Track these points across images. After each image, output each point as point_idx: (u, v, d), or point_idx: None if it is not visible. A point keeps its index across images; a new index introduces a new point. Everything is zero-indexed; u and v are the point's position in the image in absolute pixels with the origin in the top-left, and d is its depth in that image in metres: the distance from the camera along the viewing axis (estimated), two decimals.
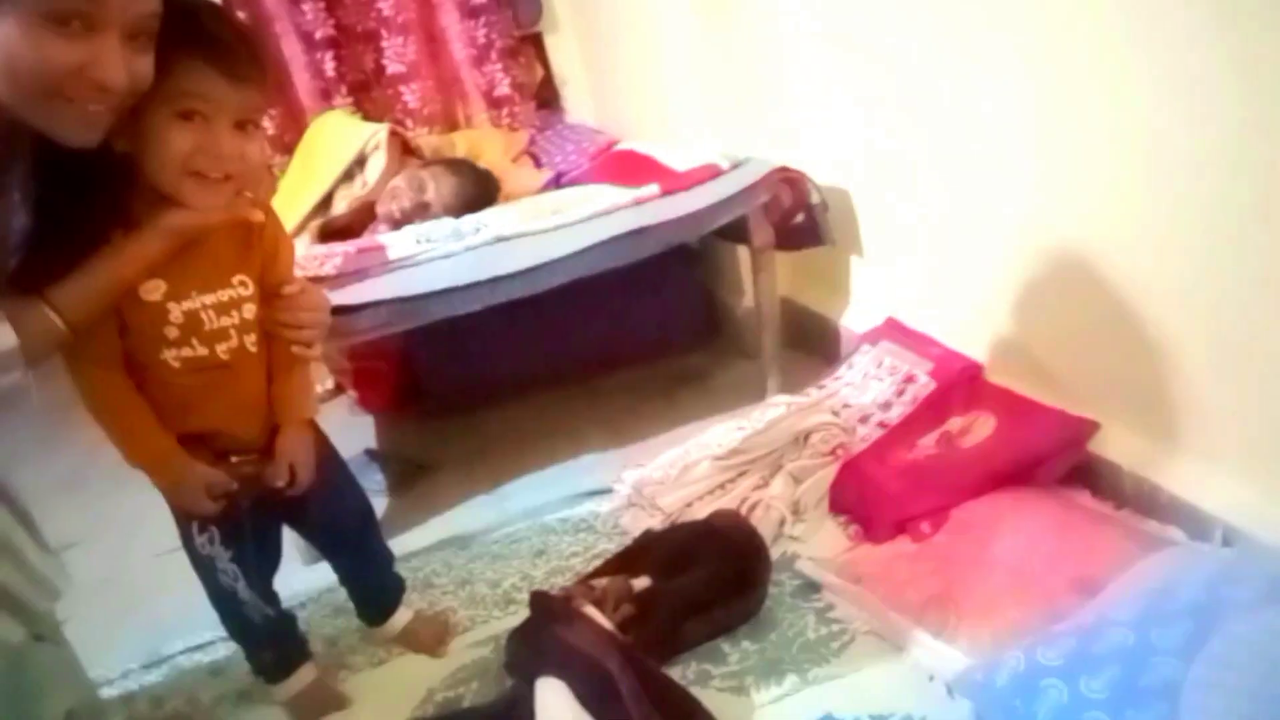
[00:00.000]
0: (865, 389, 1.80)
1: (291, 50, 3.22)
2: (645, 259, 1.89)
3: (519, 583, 1.61)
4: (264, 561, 1.37)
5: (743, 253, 2.16)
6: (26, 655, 1.19)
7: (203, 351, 1.16)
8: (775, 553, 1.52)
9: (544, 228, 1.80)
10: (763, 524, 1.56)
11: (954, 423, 1.61)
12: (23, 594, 1.18)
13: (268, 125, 3.22)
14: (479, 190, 2.26)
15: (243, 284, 1.18)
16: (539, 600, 1.36)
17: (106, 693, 1.57)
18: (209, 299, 1.15)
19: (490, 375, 2.38)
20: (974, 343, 1.73)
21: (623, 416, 2.19)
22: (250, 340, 1.20)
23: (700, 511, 1.64)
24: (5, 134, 0.99)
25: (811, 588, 1.44)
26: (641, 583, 1.41)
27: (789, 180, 1.95)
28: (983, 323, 1.70)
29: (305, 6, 3.13)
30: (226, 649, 1.61)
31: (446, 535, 1.82)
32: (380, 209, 2.28)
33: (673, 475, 1.76)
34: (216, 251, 1.16)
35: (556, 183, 2.67)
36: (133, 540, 2.11)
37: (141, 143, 1.04)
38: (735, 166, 1.94)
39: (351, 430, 2.38)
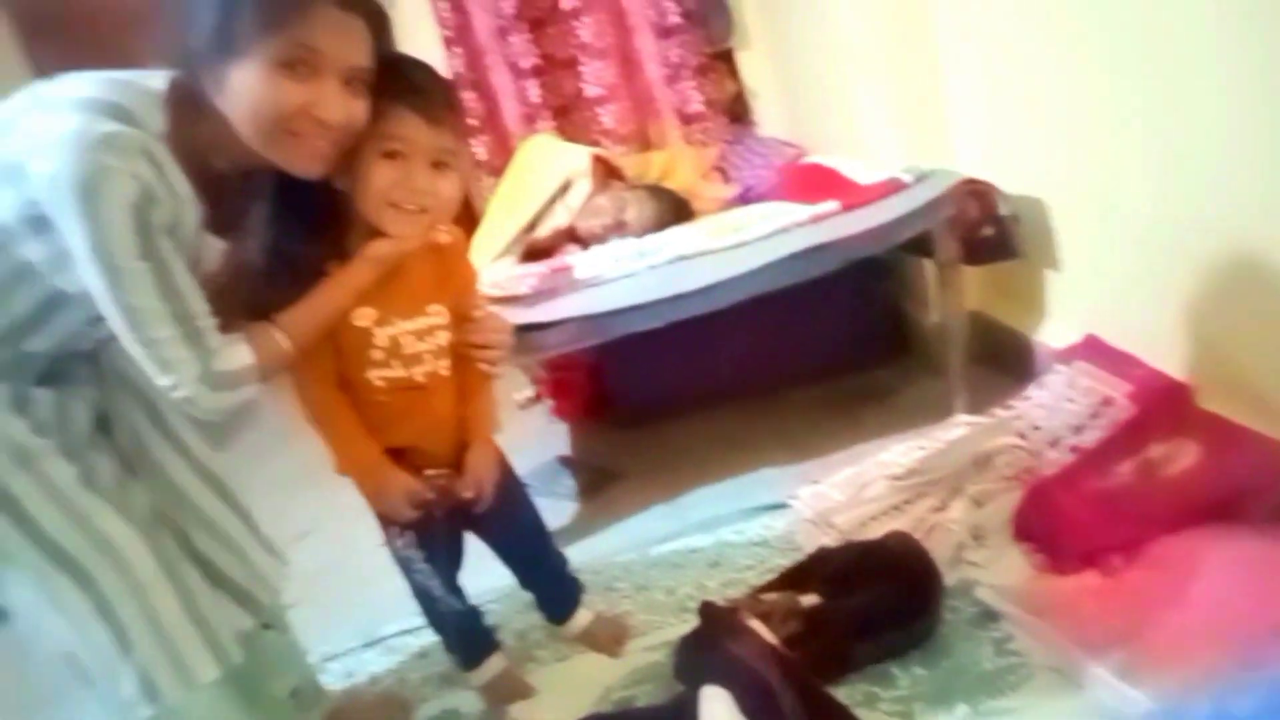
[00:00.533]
0: (1057, 411, 1.72)
1: (500, 80, 3.46)
2: (829, 273, 1.90)
3: (693, 592, 1.66)
4: (451, 562, 1.50)
5: (930, 267, 2.11)
6: (256, 641, 1.39)
7: (402, 373, 1.30)
8: (952, 578, 1.49)
9: (723, 246, 1.86)
10: (939, 548, 1.53)
11: (1154, 449, 1.51)
12: (249, 587, 1.37)
13: (479, 151, 3.48)
14: (675, 218, 2.36)
15: (438, 313, 1.32)
16: (707, 611, 1.41)
17: (331, 667, 1.77)
18: (409, 326, 1.29)
19: (675, 388, 2.46)
20: (1181, 362, 1.61)
21: (803, 431, 2.20)
22: (443, 365, 1.34)
23: (876, 531, 1.62)
24: (248, 181, 1.17)
25: (990, 616, 1.40)
26: (810, 600, 1.42)
27: (976, 192, 1.90)
28: (1192, 340, 1.58)
29: (513, 39, 3.35)
30: (433, 634, 1.78)
31: (628, 542, 1.91)
32: (580, 224, 2.41)
33: (849, 494, 1.76)
34: (415, 284, 1.30)
35: (744, 198, 2.72)
36: (356, 531, 2.34)
37: (353, 179, 1.20)
38: (919, 180, 1.91)
39: (547, 437, 2.54)
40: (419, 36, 3.61)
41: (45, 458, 1.13)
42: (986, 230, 1.93)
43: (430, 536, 1.42)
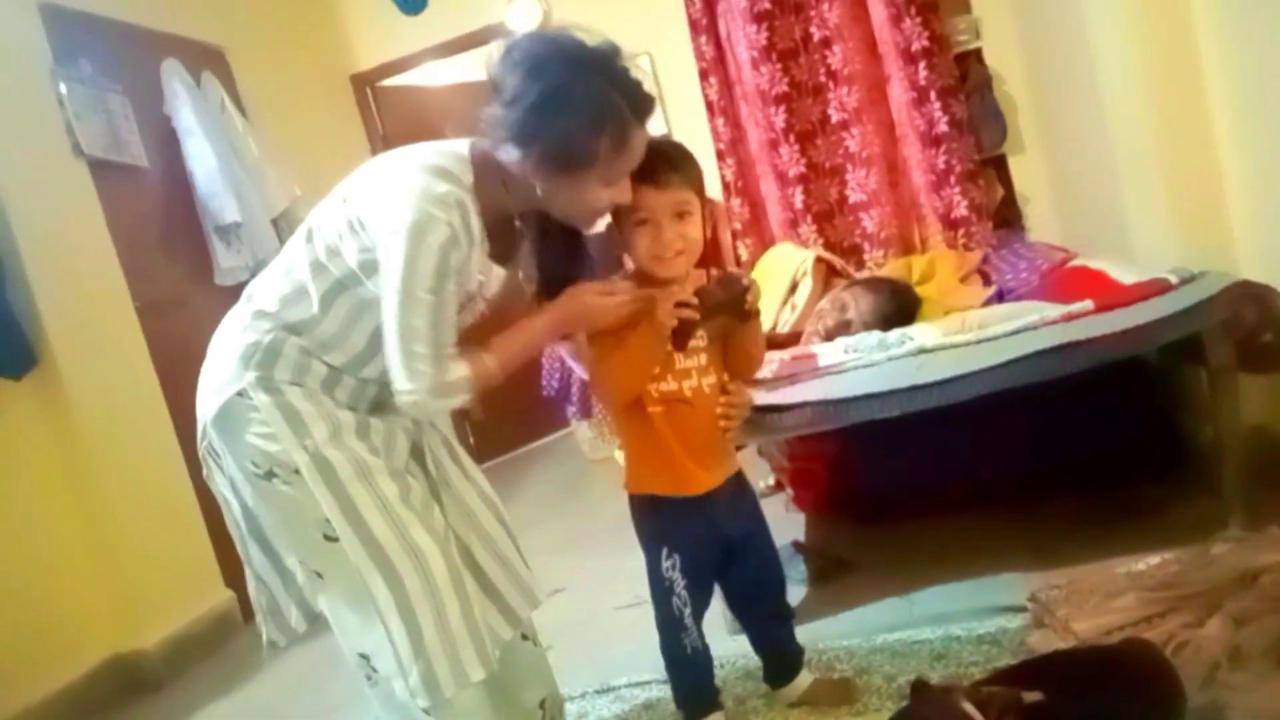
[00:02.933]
0: None
1: (768, 188, 3.69)
2: (1088, 378, 1.85)
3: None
4: (703, 597, 1.64)
5: (1205, 375, 1.98)
6: (514, 650, 1.57)
7: (674, 386, 1.55)
8: (1203, 699, 1.37)
9: (966, 340, 1.88)
10: (1190, 665, 1.42)
11: None
12: (513, 601, 1.56)
13: (743, 252, 3.70)
14: (896, 306, 2.39)
15: (701, 338, 1.55)
16: (920, 689, 1.40)
17: (567, 708, 1.92)
18: None
19: (919, 487, 2.43)
20: None
21: (1054, 541, 2.09)
22: (707, 383, 1.57)
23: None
24: (524, 223, 1.49)
25: None
26: (1033, 697, 1.37)
27: (1254, 295, 1.78)
28: None
29: (782, 150, 3.58)
30: (658, 690, 1.89)
31: (855, 629, 1.92)
32: (807, 328, 2.51)
33: (1094, 601, 1.67)
34: None
35: (1000, 298, 2.69)
36: (602, 594, 2.54)
37: (624, 246, 1.54)
38: (1185, 281, 1.83)
39: (784, 523, 2.60)
40: (696, 150, 3.95)
41: (378, 474, 1.40)
42: (1266, 336, 1.80)
43: (695, 564, 1.60)
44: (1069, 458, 2.31)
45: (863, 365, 1.92)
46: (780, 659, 1.72)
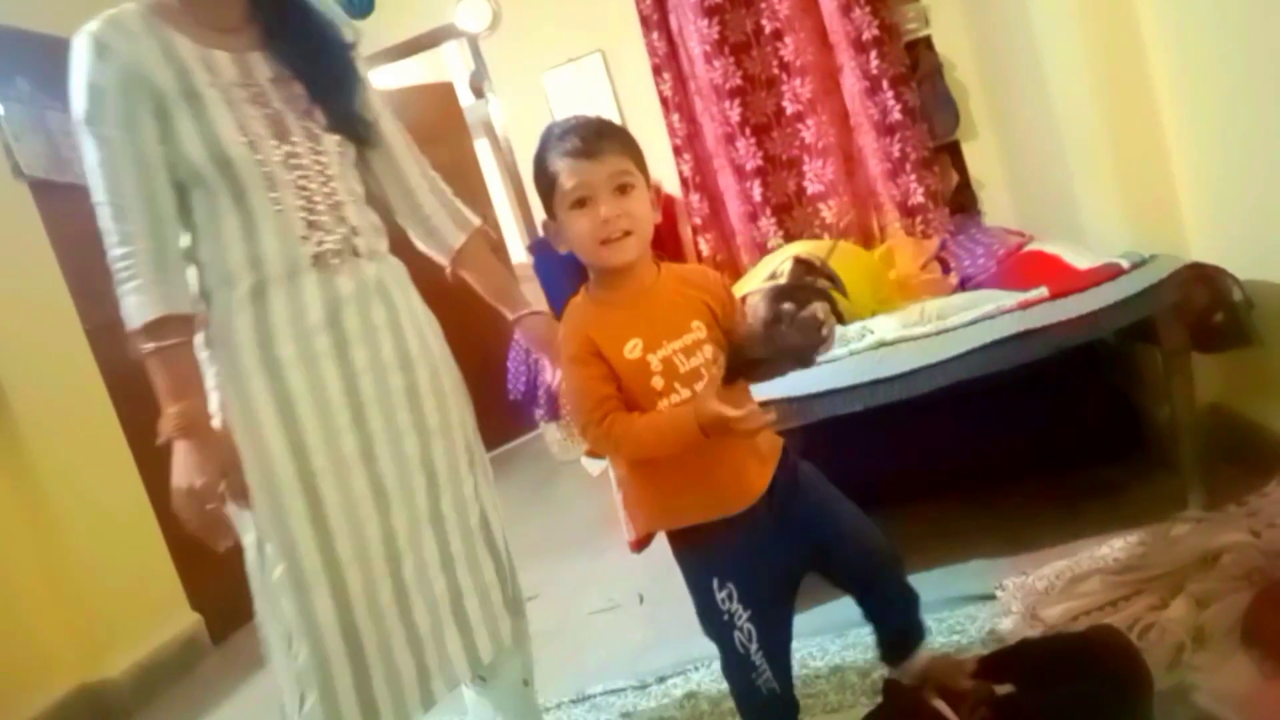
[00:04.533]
0: None
1: (726, 182, 3.69)
2: (1047, 363, 1.86)
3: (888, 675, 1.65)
4: (779, 626, 1.39)
5: (1160, 357, 2.00)
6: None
7: (686, 394, 1.27)
8: (1169, 681, 1.39)
9: (925, 333, 1.89)
10: (1154, 648, 1.44)
11: None
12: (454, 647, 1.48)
13: (703, 246, 3.68)
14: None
15: (699, 329, 1.31)
16: (892, 689, 1.41)
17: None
18: (677, 344, 1.30)
19: (885, 477, 2.43)
20: None
21: (1019, 526, 2.11)
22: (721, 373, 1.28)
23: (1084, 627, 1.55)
24: None
25: None
26: (1004, 689, 1.39)
27: (1204, 278, 1.81)
28: None
29: (739, 143, 3.58)
30: (634, 697, 1.88)
31: (826, 623, 1.92)
32: None
33: (1060, 587, 1.69)
34: (668, 307, 1.32)
35: (962, 286, 2.71)
36: (575, 600, 2.52)
37: (567, 237, 1.32)
38: (1137, 265, 1.85)
39: None
40: (652, 146, 3.94)
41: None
42: (1217, 317, 1.83)
43: (755, 589, 1.34)
44: (1031, 442, 2.34)
45: (824, 360, 1.91)
46: (892, 638, 1.48)
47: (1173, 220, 2.10)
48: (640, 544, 2.06)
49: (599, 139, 1.29)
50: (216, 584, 2.69)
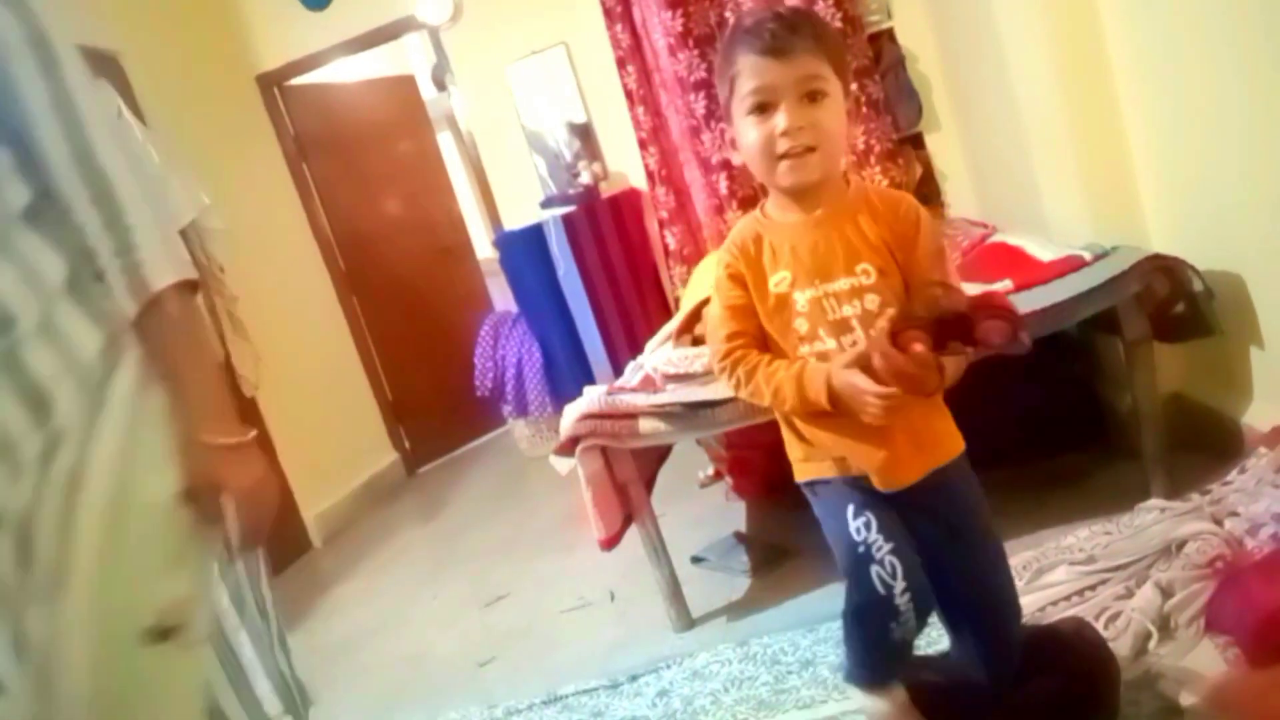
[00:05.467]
0: (1258, 496, 1.59)
1: (692, 175, 3.67)
2: (1013, 353, 1.87)
3: None
4: (918, 574, 1.18)
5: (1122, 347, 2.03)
6: None
7: (832, 345, 1.13)
8: (1136, 670, 1.41)
9: None
10: (1121, 638, 1.46)
11: None
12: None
13: (669, 240, 3.67)
14: None
15: (865, 272, 1.12)
16: None
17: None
18: (831, 288, 1.13)
19: None
20: None
21: None
22: (882, 328, 1.09)
23: (1052, 618, 1.56)
24: None
25: (1175, 712, 1.31)
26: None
27: (1164, 268, 1.82)
28: None
29: (704, 136, 3.56)
30: (607, 696, 1.87)
31: (798, 618, 1.93)
32: None
33: (1026, 578, 1.70)
34: (835, 242, 1.14)
35: None
36: (546, 597, 2.51)
37: (739, 145, 1.15)
38: (1099, 257, 1.87)
39: (725, 513, 2.61)
40: (617, 140, 3.92)
41: None
42: (1178, 307, 1.85)
43: (895, 524, 1.17)
44: (996, 432, 2.34)
45: None
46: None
47: (1134, 212, 2.12)
48: (610, 542, 2.07)
49: (792, 34, 1.11)
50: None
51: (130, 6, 3.61)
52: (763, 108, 1.11)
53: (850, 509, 1.18)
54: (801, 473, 1.26)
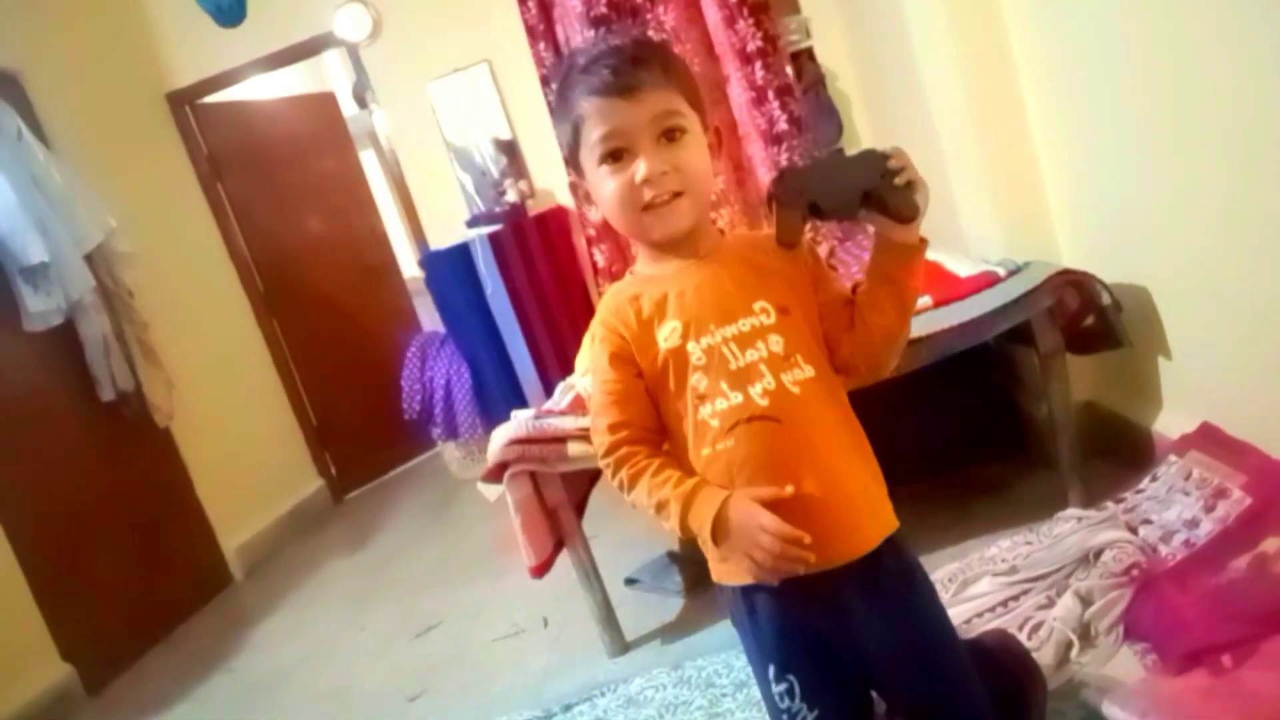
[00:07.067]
0: (1169, 503, 1.65)
1: None
2: (934, 365, 1.90)
3: None
4: None
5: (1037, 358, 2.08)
6: None
7: (738, 400, 0.98)
8: (1060, 679, 1.44)
9: None
10: (1044, 647, 1.48)
11: (1270, 544, 1.43)
12: None
13: (603, 251, 3.66)
14: None
15: (764, 310, 1.01)
16: None
17: None
18: (729, 331, 1.00)
19: None
20: None
21: (909, 527, 2.14)
22: (796, 378, 0.99)
23: (978, 630, 1.59)
24: None
25: None
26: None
27: (1074, 283, 1.88)
28: None
29: None
30: None
31: (730, 638, 1.92)
32: None
33: (951, 590, 1.73)
34: (727, 282, 1.02)
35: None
36: (475, 626, 2.46)
37: (599, 199, 1.02)
38: (1013, 272, 1.91)
39: (658, 533, 2.58)
40: (543, 157, 3.90)
41: None
42: (1089, 320, 1.91)
43: (823, 686, 1.05)
44: (919, 443, 2.39)
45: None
46: None
47: (1044, 228, 2.19)
48: (541, 569, 2.04)
49: (637, 68, 0.98)
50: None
51: (31, 24, 3.47)
52: (616, 155, 0.98)
53: (771, 670, 1.04)
54: (719, 574, 1.08)
